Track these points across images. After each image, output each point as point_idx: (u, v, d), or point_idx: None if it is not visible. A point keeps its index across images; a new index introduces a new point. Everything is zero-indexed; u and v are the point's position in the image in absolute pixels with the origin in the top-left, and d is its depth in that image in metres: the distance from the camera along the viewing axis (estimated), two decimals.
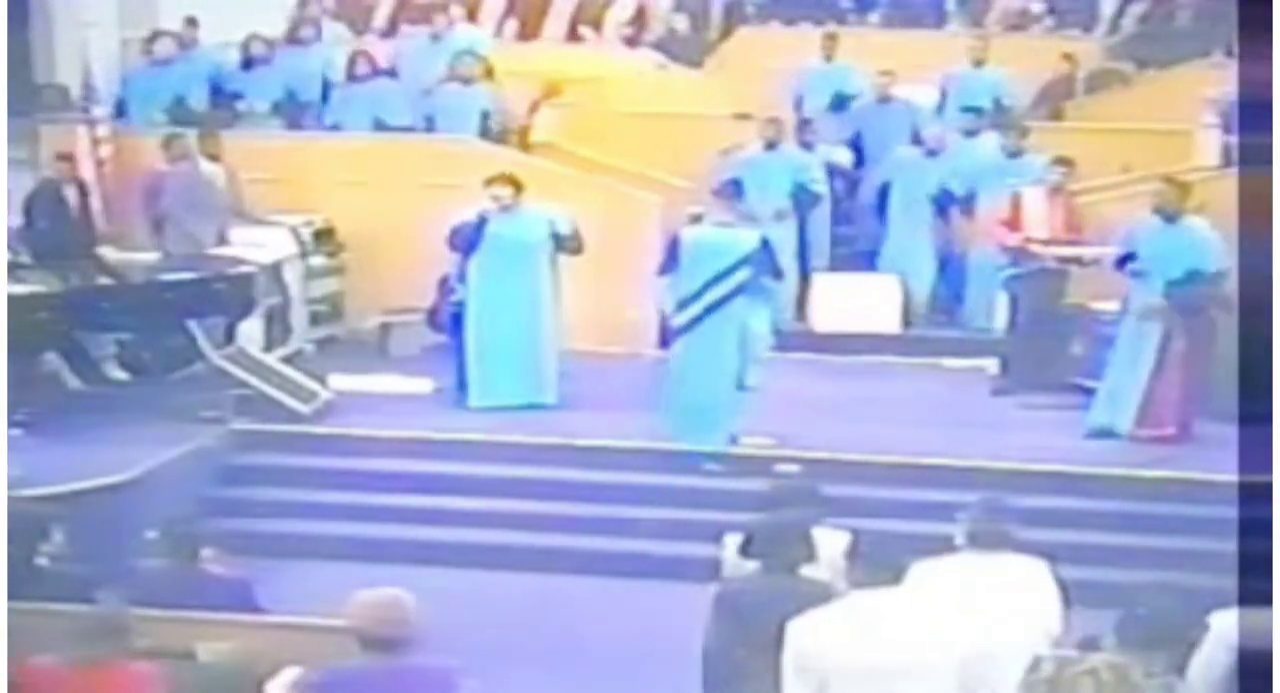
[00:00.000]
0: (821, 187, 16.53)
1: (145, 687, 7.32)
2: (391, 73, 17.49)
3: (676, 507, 12.38)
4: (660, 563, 11.78)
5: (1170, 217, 12.99)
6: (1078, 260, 14.25)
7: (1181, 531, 11.52)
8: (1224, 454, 11.63)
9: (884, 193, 16.75)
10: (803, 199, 16.35)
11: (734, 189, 14.45)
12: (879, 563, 6.84)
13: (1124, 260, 13.25)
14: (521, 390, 13.60)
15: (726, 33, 21.67)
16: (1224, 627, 6.92)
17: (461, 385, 13.72)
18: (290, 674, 7.60)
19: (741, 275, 12.65)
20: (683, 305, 12.81)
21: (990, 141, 16.47)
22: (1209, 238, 12.90)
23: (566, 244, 13.58)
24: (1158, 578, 8.36)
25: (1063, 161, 14.60)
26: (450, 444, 12.97)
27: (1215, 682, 6.82)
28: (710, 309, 12.68)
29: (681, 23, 21.19)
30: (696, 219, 13.50)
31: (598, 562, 11.99)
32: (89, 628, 7.34)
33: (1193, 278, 12.86)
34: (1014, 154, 15.75)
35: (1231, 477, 11.16)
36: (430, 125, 16.72)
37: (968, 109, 17.29)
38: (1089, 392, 13.47)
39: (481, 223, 13.46)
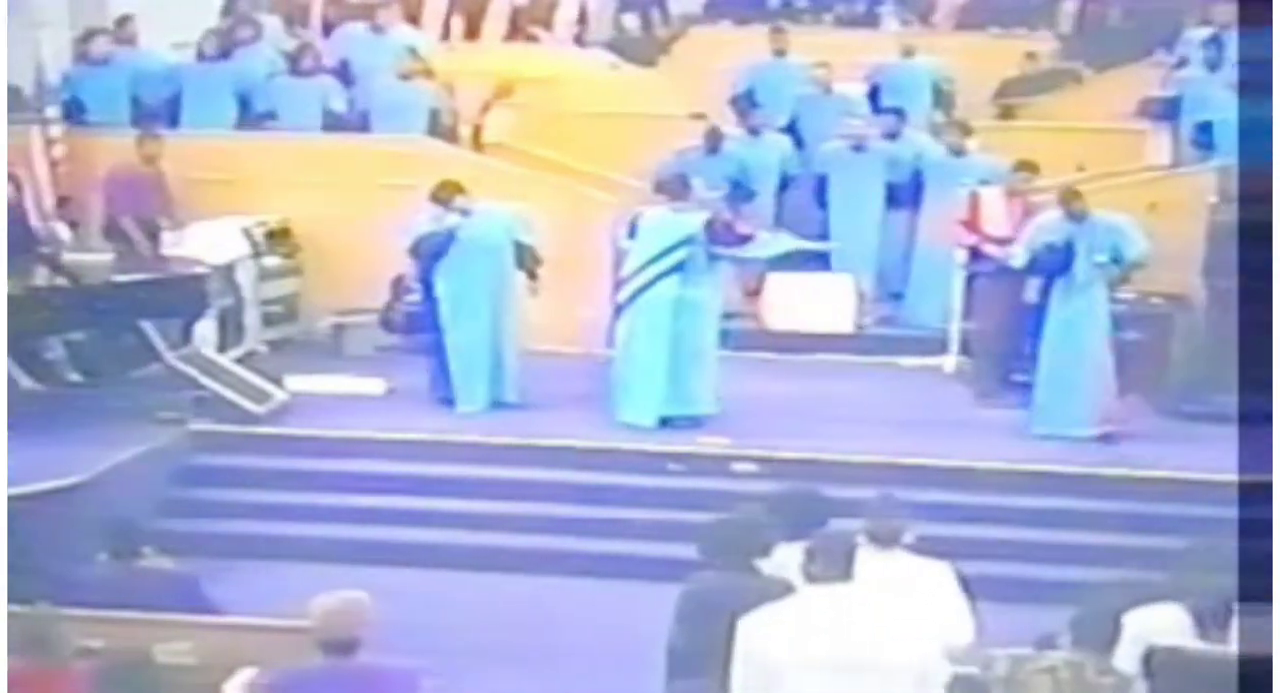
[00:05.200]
0: (755, 183, 16.49)
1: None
2: (334, 68, 17.32)
3: (637, 507, 12.35)
4: (621, 562, 11.77)
5: (1078, 216, 13.13)
6: None
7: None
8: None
9: (822, 186, 16.74)
10: (737, 194, 16.30)
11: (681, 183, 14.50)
12: (831, 560, 6.85)
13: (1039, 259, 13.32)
14: (494, 391, 13.62)
15: (678, 33, 21.70)
16: (1137, 626, 6.99)
17: (435, 387, 13.70)
18: (247, 675, 7.61)
19: (680, 254, 12.86)
20: (625, 282, 13.08)
21: (917, 142, 16.52)
22: (1122, 226, 13.11)
23: (527, 259, 13.57)
24: (1111, 576, 8.42)
25: (1026, 166, 14.56)
26: (408, 444, 12.93)
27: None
28: (645, 286, 12.92)
29: (632, 22, 21.19)
30: None
31: (557, 561, 11.97)
32: (22, 632, 7.32)
33: (1117, 263, 13.09)
34: (957, 153, 15.81)
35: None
36: (366, 120, 16.62)
37: (888, 110, 17.27)
38: None
39: (451, 233, 13.44)
